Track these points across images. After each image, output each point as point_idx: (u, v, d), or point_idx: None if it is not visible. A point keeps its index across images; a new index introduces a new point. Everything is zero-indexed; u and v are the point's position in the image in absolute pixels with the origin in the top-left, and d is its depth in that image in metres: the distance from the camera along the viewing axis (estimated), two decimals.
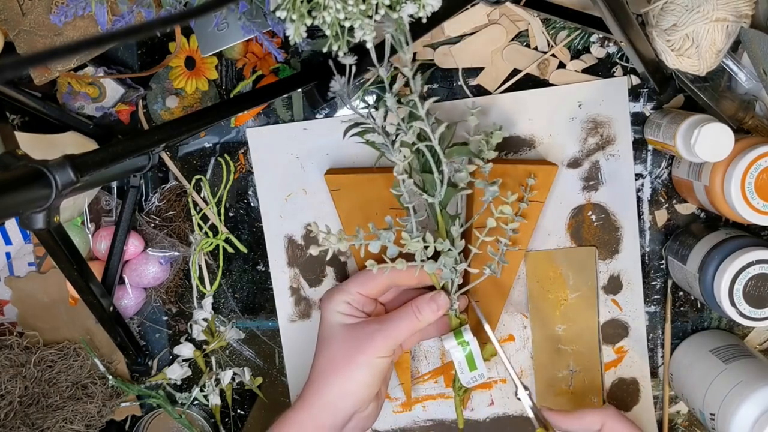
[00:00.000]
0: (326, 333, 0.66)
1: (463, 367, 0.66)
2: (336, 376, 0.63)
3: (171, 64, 0.71)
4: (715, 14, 0.60)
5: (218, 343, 0.77)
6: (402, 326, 0.64)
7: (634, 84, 0.73)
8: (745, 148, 0.63)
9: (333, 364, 0.64)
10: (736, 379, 0.67)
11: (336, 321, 0.66)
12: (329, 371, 0.64)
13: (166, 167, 0.75)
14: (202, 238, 0.76)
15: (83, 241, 0.74)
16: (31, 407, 0.74)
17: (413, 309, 0.65)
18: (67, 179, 0.49)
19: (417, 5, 0.51)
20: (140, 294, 0.76)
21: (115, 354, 0.77)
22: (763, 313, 0.65)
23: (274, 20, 0.59)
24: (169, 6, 0.57)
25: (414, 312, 0.64)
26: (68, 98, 0.70)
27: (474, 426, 0.78)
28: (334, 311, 0.66)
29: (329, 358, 0.64)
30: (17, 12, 0.62)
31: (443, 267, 0.64)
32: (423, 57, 0.73)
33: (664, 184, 0.74)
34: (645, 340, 0.76)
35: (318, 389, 0.64)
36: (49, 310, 0.77)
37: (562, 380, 0.76)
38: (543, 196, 0.70)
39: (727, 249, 0.66)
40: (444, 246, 0.63)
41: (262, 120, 0.74)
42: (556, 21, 0.71)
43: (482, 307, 0.72)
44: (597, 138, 0.73)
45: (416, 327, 0.64)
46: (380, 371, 0.63)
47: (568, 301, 0.75)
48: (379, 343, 0.63)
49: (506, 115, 0.73)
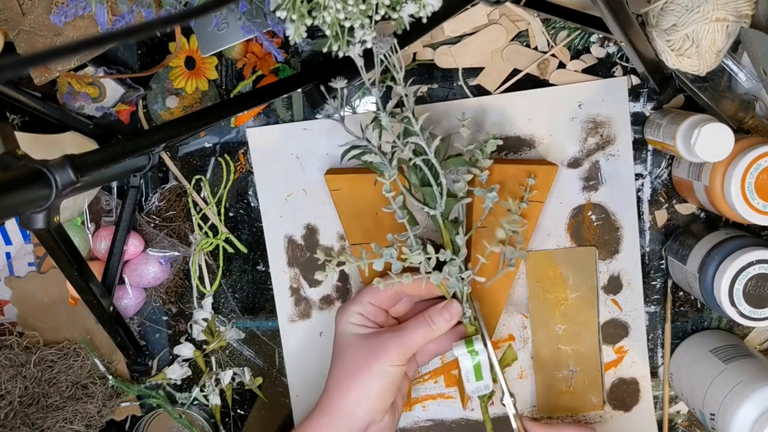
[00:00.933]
0: (341, 343, 0.66)
1: (469, 376, 0.66)
2: (351, 385, 0.64)
3: (171, 64, 0.71)
4: (715, 14, 0.60)
5: (218, 343, 0.77)
6: (416, 335, 0.64)
7: (634, 84, 0.73)
8: (745, 148, 0.63)
9: (347, 373, 0.64)
10: (736, 379, 0.67)
11: (350, 331, 0.66)
12: (344, 380, 0.64)
13: (166, 167, 0.75)
14: (202, 238, 0.76)
15: (83, 241, 0.74)
16: (31, 407, 0.74)
17: (426, 318, 0.65)
18: (67, 179, 0.49)
19: (417, 5, 0.51)
20: (140, 294, 0.76)
21: (115, 354, 0.77)
22: (763, 313, 0.65)
23: (274, 20, 0.59)
24: (169, 6, 0.57)
25: (427, 321, 0.65)
26: (68, 98, 0.70)
27: (474, 426, 0.78)
28: (347, 322, 0.67)
29: (344, 368, 0.65)
30: (17, 12, 0.62)
31: (449, 276, 0.64)
32: (423, 57, 0.73)
33: (664, 184, 0.74)
34: (645, 340, 0.76)
35: (333, 398, 0.64)
36: (49, 310, 0.77)
37: (562, 380, 0.76)
38: (543, 196, 0.70)
39: (727, 249, 0.66)
40: (446, 256, 0.64)
41: (262, 120, 0.74)
42: (556, 21, 0.71)
43: (482, 307, 0.72)
44: (597, 138, 0.73)
45: (430, 336, 0.65)
46: (394, 380, 0.64)
47: (568, 301, 0.75)
48: (392, 351, 0.63)
49: (506, 115, 0.73)
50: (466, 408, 0.77)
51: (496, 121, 0.73)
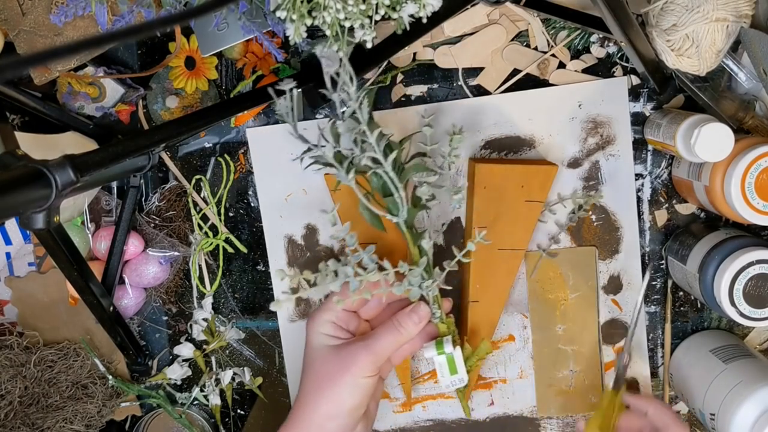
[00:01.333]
0: (312, 355, 0.66)
1: (443, 370, 0.66)
2: (322, 397, 0.63)
3: (171, 64, 0.71)
4: (715, 14, 0.60)
5: (218, 343, 0.77)
6: (386, 341, 0.64)
7: (634, 84, 0.73)
8: (745, 148, 0.63)
9: (318, 385, 0.63)
10: (736, 379, 0.67)
11: (321, 342, 0.65)
12: (315, 392, 0.63)
13: (166, 167, 0.75)
14: (202, 238, 0.76)
15: (83, 241, 0.74)
16: (31, 407, 0.74)
17: (395, 323, 0.64)
18: (67, 179, 0.49)
19: (417, 5, 0.51)
20: (140, 294, 0.76)
21: (115, 354, 0.77)
22: (763, 313, 0.65)
23: (274, 20, 0.59)
24: (169, 6, 0.57)
25: (396, 326, 0.64)
26: (68, 98, 0.70)
27: (474, 426, 0.78)
28: (318, 333, 0.65)
29: (315, 380, 0.64)
30: (17, 12, 0.62)
31: (410, 286, 0.64)
32: (423, 57, 0.73)
33: (664, 184, 0.74)
34: (645, 340, 0.76)
35: (304, 411, 0.64)
36: (49, 310, 0.77)
37: (562, 380, 0.76)
38: (543, 196, 0.70)
39: (727, 249, 0.66)
40: (404, 269, 0.63)
41: (262, 120, 0.74)
42: (556, 21, 0.71)
43: (482, 307, 0.72)
44: (597, 138, 0.73)
45: (400, 340, 0.64)
46: (366, 391, 0.63)
47: (568, 301, 0.75)
48: (363, 362, 0.62)
49: (506, 115, 0.73)
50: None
51: (496, 121, 0.73)
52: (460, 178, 0.74)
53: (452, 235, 0.75)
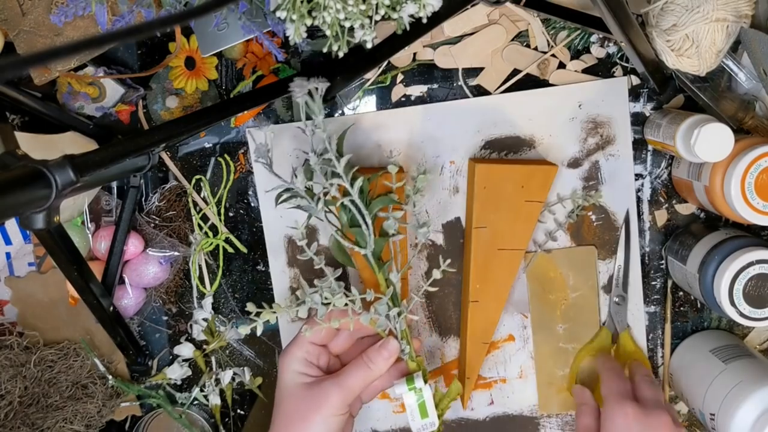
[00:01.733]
0: (284, 392, 0.65)
1: (414, 414, 0.65)
2: None
3: (171, 64, 0.71)
4: (715, 14, 0.60)
5: (218, 343, 0.78)
6: (356, 378, 0.63)
7: (634, 84, 0.73)
8: (745, 148, 0.63)
9: (288, 422, 0.63)
10: (736, 379, 0.67)
11: (292, 381, 0.65)
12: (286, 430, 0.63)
13: (166, 167, 0.75)
14: (202, 238, 0.76)
15: (83, 241, 0.74)
16: (31, 407, 0.74)
17: (365, 359, 0.64)
18: (67, 179, 0.49)
19: (417, 5, 0.51)
20: (140, 294, 0.76)
21: (115, 354, 0.77)
22: (763, 313, 0.66)
23: (274, 20, 0.59)
24: (169, 6, 0.57)
25: (366, 362, 0.64)
26: (68, 98, 0.70)
27: (474, 426, 0.78)
28: (291, 371, 0.65)
29: (285, 418, 0.63)
30: (17, 12, 0.62)
31: (378, 315, 0.64)
32: (423, 57, 0.73)
33: (664, 184, 0.74)
34: (645, 340, 0.76)
35: None
36: (49, 310, 0.77)
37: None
38: (543, 196, 0.70)
39: (727, 249, 0.66)
40: (371, 296, 0.63)
41: (262, 120, 0.74)
42: (556, 21, 0.71)
43: (482, 307, 0.72)
44: (597, 138, 0.73)
45: (370, 377, 0.64)
46: (336, 429, 0.63)
47: (568, 301, 0.75)
48: (333, 401, 0.62)
49: (506, 115, 0.73)
50: (466, 408, 0.77)
51: (496, 121, 0.73)
52: (460, 178, 0.74)
53: (452, 235, 0.75)
